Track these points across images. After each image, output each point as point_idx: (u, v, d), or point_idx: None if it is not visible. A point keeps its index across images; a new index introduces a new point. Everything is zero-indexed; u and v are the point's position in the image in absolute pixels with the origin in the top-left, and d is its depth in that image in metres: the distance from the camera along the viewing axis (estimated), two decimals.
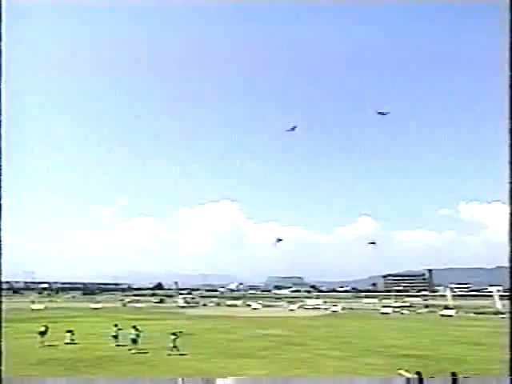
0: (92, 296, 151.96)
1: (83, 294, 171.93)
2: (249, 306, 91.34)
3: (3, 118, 9.79)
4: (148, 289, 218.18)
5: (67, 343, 26.76)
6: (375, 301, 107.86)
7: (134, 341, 23.84)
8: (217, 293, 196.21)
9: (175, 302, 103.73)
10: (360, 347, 27.14)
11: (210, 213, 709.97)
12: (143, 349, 23.78)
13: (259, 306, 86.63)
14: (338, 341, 30.66)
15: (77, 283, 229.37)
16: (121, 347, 25.07)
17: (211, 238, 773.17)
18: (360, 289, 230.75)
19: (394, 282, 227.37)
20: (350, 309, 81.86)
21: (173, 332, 23.94)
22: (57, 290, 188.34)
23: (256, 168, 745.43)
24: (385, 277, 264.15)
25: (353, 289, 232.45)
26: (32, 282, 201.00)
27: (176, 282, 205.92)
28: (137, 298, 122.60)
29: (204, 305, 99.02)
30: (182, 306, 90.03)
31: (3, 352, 11.52)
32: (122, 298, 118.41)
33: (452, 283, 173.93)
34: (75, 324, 39.77)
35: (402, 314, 69.89)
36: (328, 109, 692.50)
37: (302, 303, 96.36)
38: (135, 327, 24.71)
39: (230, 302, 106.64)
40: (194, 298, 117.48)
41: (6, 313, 12.99)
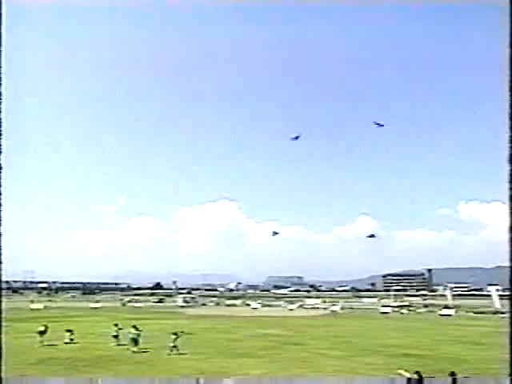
0: (91, 295, 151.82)
1: (83, 294, 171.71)
2: (248, 305, 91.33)
3: (3, 118, 9.77)
4: (147, 288, 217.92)
5: (67, 343, 26.76)
6: (375, 300, 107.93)
7: (134, 340, 23.83)
8: (216, 292, 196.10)
9: (174, 301, 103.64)
10: (359, 347, 27.18)
11: (209, 212, 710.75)
12: (143, 348, 23.80)
13: (258, 306, 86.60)
14: (338, 340, 30.69)
15: (76, 283, 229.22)
16: (120, 346, 25.11)
17: (211, 238, 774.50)
18: (359, 288, 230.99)
19: (394, 281, 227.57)
20: (350, 308, 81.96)
21: (174, 332, 23.92)
22: (56, 290, 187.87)
23: (256, 167, 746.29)
24: (384, 276, 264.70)
25: (352, 288, 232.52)
26: (31, 282, 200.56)
27: (175, 282, 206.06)
28: (136, 298, 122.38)
29: (203, 304, 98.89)
30: (182, 306, 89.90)
31: (3, 352, 11.49)
32: (122, 298, 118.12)
33: (451, 283, 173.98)
34: (75, 323, 39.72)
35: (402, 313, 69.90)
36: (328, 109, 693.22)
37: (301, 303, 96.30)
38: (135, 327, 24.72)
39: (229, 302, 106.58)
40: (193, 298, 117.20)
41: (5, 312, 12.89)
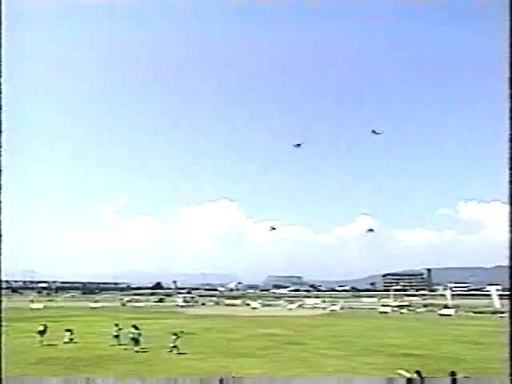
0: (91, 295, 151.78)
1: (82, 294, 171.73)
2: (248, 305, 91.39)
3: (3, 118, 9.75)
4: (147, 288, 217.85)
5: (66, 342, 26.73)
6: (374, 300, 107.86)
7: (134, 340, 23.82)
8: (216, 292, 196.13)
9: (174, 301, 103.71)
10: (359, 346, 27.19)
11: (209, 212, 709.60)
12: (142, 348, 23.79)
13: (258, 306, 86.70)
14: (338, 340, 30.71)
15: (76, 282, 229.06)
16: (120, 346, 25.11)
17: (211, 238, 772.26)
18: (359, 288, 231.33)
19: (393, 281, 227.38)
20: (349, 308, 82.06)
21: (174, 332, 23.92)
22: (56, 289, 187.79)
23: (256, 167, 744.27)
24: (384, 276, 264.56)
25: (352, 288, 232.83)
26: (31, 281, 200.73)
27: (175, 282, 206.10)
28: (136, 298, 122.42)
29: (203, 304, 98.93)
30: (182, 306, 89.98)
31: (2, 351, 11.48)
32: (122, 298, 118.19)
33: (451, 282, 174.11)
34: (74, 323, 39.67)
35: (401, 313, 69.96)
36: (328, 109, 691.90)
37: (301, 302, 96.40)
38: (135, 326, 24.70)
39: (229, 302, 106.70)
40: (193, 298, 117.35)
41: (5, 312, 12.86)
